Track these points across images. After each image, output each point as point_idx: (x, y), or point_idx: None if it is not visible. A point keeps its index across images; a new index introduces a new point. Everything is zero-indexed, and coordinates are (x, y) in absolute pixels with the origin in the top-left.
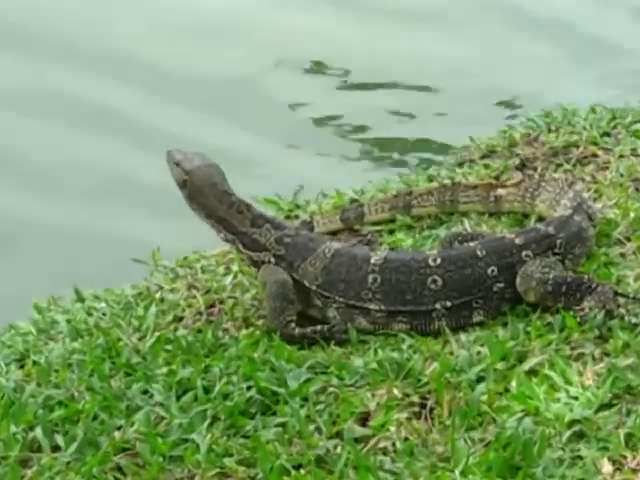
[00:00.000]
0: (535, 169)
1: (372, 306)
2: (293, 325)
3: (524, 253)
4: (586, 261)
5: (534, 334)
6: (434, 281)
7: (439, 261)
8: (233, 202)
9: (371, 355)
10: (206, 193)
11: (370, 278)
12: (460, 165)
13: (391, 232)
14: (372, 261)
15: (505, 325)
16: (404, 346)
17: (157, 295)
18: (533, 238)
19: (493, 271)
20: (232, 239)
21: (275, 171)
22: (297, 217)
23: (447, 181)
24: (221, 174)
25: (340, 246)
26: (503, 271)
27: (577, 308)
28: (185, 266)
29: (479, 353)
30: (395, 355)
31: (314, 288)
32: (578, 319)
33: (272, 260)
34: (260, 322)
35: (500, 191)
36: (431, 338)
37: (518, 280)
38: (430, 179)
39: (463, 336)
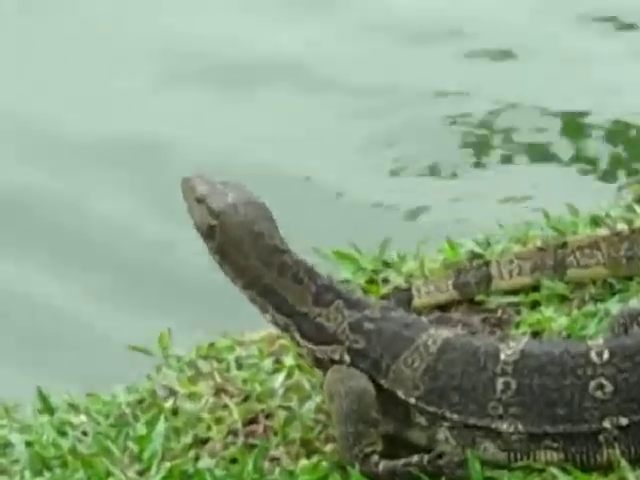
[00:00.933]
0: None
1: (504, 426)
2: (376, 458)
3: None
4: None
5: None
6: (600, 386)
7: (607, 355)
8: (287, 264)
9: None
10: (246, 249)
11: (500, 384)
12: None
13: (534, 306)
14: (502, 357)
15: None
16: None
17: (167, 404)
18: None
19: None
20: (284, 323)
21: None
22: (386, 283)
23: (621, 227)
24: (269, 218)
25: (452, 335)
26: None
27: None
28: (211, 358)
29: None
30: None
31: (413, 401)
32: None
33: (346, 358)
34: (328, 447)
35: None
36: (598, 475)
37: None
38: (595, 221)
39: None
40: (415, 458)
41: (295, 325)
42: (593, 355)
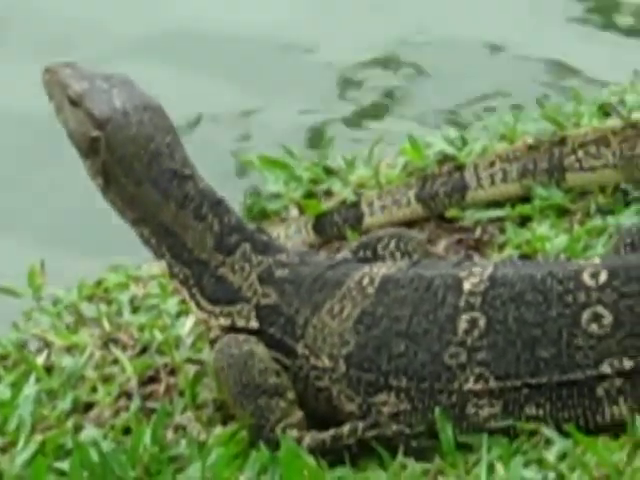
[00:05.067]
0: None
1: (469, 381)
2: (295, 433)
3: None
4: None
5: None
6: (596, 317)
7: (605, 277)
8: (189, 195)
9: (481, 476)
10: (138, 172)
11: (463, 322)
12: None
13: (523, 222)
14: (466, 287)
15: None
16: (550, 455)
17: (39, 359)
18: None
19: None
20: (183, 275)
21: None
22: (328, 196)
23: (637, 117)
24: (170, 130)
25: (394, 269)
26: None
27: None
28: (98, 299)
29: None
30: (530, 475)
31: (342, 367)
32: None
33: (253, 323)
34: None
35: None
36: (606, 436)
37: None
38: (603, 110)
39: None
40: (347, 428)
41: (194, 278)
42: (586, 277)
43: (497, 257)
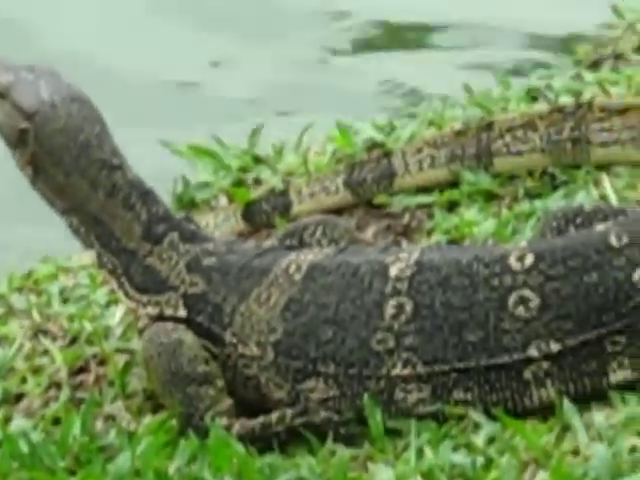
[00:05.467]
0: None
1: (397, 366)
2: (225, 421)
3: None
4: None
5: None
6: (523, 300)
7: (531, 260)
8: (118, 185)
9: (410, 461)
10: (67, 162)
11: (390, 307)
12: (593, 66)
13: (451, 208)
14: (393, 273)
15: None
16: (478, 439)
17: None
18: None
19: None
20: (112, 265)
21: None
22: (257, 185)
23: (565, 101)
24: (98, 121)
25: (321, 256)
26: None
27: None
28: (27, 290)
29: (635, 450)
30: (459, 459)
31: (270, 355)
32: None
33: (181, 312)
34: None
35: None
36: (534, 419)
37: None
38: (531, 95)
39: (597, 416)
40: (276, 415)
41: (122, 267)
42: (512, 261)
43: (425, 243)
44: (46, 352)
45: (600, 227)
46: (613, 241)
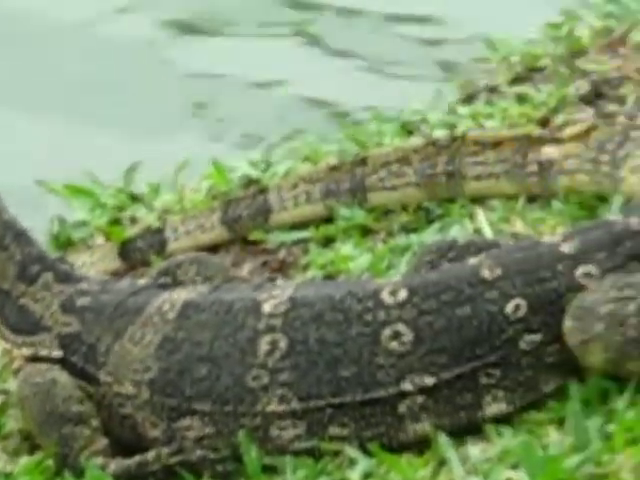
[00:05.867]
0: (620, 102)
1: (272, 403)
2: (101, 460)
3: (580, 271)
4: None
5: (619, 441)
6: (396, 335)
7: (405, 294)
8: None
9: None
10: None
11: (264, 343)
12: (467, 99)
13: (327, 243)
14: (266, 309)
15: (559, 422)
16: (354, 475)
17: None
18: (598, 242)
19: (517, 308)
20: None
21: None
22: (134, 223)
23: (439, 135)
24: None
25: (195, 294)
26: (537, 309)
27: None
28: None
29: None
30: None
31: (145, 393)
32: None
33: (55, 352)
34: None
35: (549, 151)
36: (410, 454)
37: (567, 324)
38: (406, 129)
39: (472, 449)
40: (152, 454)
41: None
42: (385, 295)
43: (301, 278)
44: None
45: (472, 260)
46: (485, 274)
